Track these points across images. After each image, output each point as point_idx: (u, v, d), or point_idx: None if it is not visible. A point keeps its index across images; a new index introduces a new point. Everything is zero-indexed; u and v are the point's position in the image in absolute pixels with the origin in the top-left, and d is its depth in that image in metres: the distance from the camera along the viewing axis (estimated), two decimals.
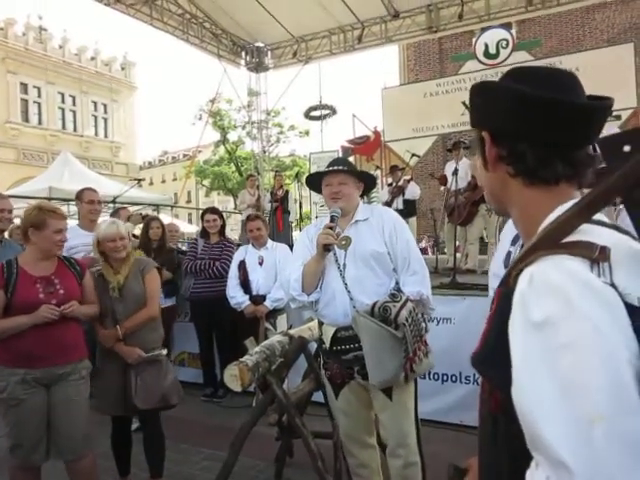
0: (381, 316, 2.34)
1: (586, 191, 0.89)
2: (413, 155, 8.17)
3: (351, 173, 2.66)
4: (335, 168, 2.63)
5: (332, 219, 2.52)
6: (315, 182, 2.78)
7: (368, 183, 2.79)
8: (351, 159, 12.89)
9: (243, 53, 12.78)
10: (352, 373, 2.54)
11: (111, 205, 8.16)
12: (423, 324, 2.45)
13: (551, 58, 10.31)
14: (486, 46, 9.65)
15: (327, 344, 2.59)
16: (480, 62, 9.79)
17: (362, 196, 2.81)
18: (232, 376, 2.60)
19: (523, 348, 0.75)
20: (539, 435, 0.70)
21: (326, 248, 2.46)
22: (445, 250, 8.02)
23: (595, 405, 0.67)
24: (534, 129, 0.90)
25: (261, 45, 12.66)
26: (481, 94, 0.98)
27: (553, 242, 0.80)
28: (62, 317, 2.71)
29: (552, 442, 0.68)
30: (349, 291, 2.47)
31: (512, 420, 0.78)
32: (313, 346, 3.43)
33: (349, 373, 2.55)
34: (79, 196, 4.42)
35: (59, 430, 2.75)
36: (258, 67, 12.90)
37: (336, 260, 2.53)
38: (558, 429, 0.68)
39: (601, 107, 0.92)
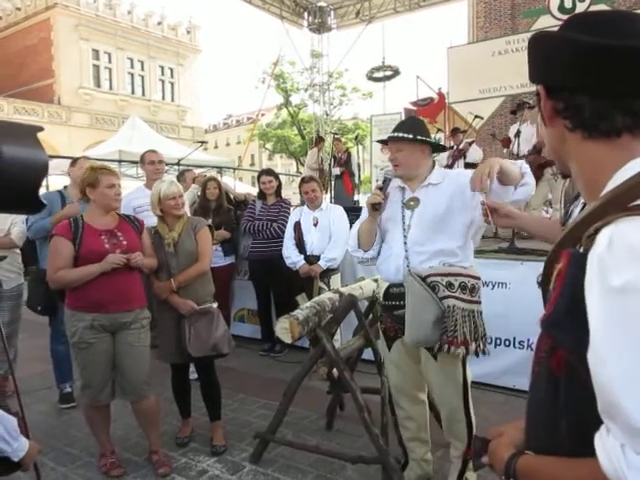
0: (430, 289, 2.40)
1: None
2: (476, 117, 7.90)
3: (404, 140, 2.58)
4: (391, 135, 2.61)
5: (384, 181, 2.59)
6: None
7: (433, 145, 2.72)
8: None
9: (306, 14, 12.67)
10: (403, 329, 2.58)
11: (176, 167, 8.45)
12: (481, 327, 2.44)
13: (635, 11, 9.53)
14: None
15: (381, 298, 2.69)
16: (554, 17, 9.19)
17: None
18: (283, 329, 2.72)
19: (602, 314, 0.71)
20: (616, 403, 0.68)
21: (374, 207, 2.54)
22: None
23: None
24: (588, 79, 0.83)
25: (324, 5, 12.51)
26: (535, 46, 0.93)
27: (632, 200, 0.74)
28: (126, 267, 2.92)
29: (632, 412, 0.66)
30: (407, 251, 2.53)
31: (577, 382, 0.77)
32: (364, 304, 3.51)
33: (400, 328, 2.60)
34: (142, 159, 4.71)
35: (122, 373, 3.00)
36: (321, 28, 12.78)
37: (402, 220, 2.58)
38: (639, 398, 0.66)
39: None
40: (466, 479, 2.69)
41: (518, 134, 5.90)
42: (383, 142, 2.78)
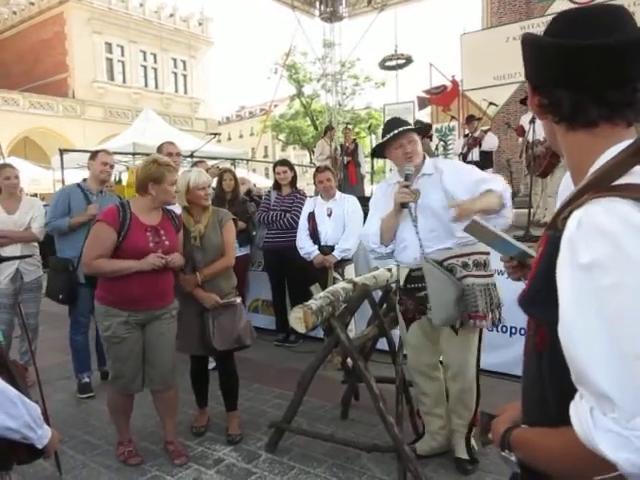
0: (448, 271, 2.61)
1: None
2: (490, 104, 7.81)
3: (415, 130, 2.80)
4: (404, 128, 2.73)
5: (407, 177, 2.70)
6: (381, 149, 2.89)
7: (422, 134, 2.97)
8: (428, 110, 12.54)
9: (317, 3, 12.58)
10: (424, 309, 2.75)
11: (189, 159, 8.46)
12: (496, 297, 2.65)
13: None
14: None
15: (402, 282, 2.86)
16: (570, 1, 9.05)
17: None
18: (297, 319, 2.73)
19: (570, 289, 0.77)
20: (584, 370, 0.74)
21: (403, 205, 2.67)
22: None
23: None
24: (560, 75, 0.90)
25: None
26: (522, 47, 0.99)
27: (604, 184, 0.79)
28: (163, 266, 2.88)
29: (597, 377, 0.72)
30: (420, 239, 2.70)
31: (557, 355, 0.81)
32: (378, 294, 3.50)
33: (421, 309, 2.78)
34: (159, 150, 4.67)
35: (151, 361, 3.00)
36: (332, 17, 12.67)
37: (410, 212, 2.73)
38: (603, 365, 0.72)
39: (630, 44, 0.85)
40: (472, 447, 2.87)
41: (533, 120, 5.82)
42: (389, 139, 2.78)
